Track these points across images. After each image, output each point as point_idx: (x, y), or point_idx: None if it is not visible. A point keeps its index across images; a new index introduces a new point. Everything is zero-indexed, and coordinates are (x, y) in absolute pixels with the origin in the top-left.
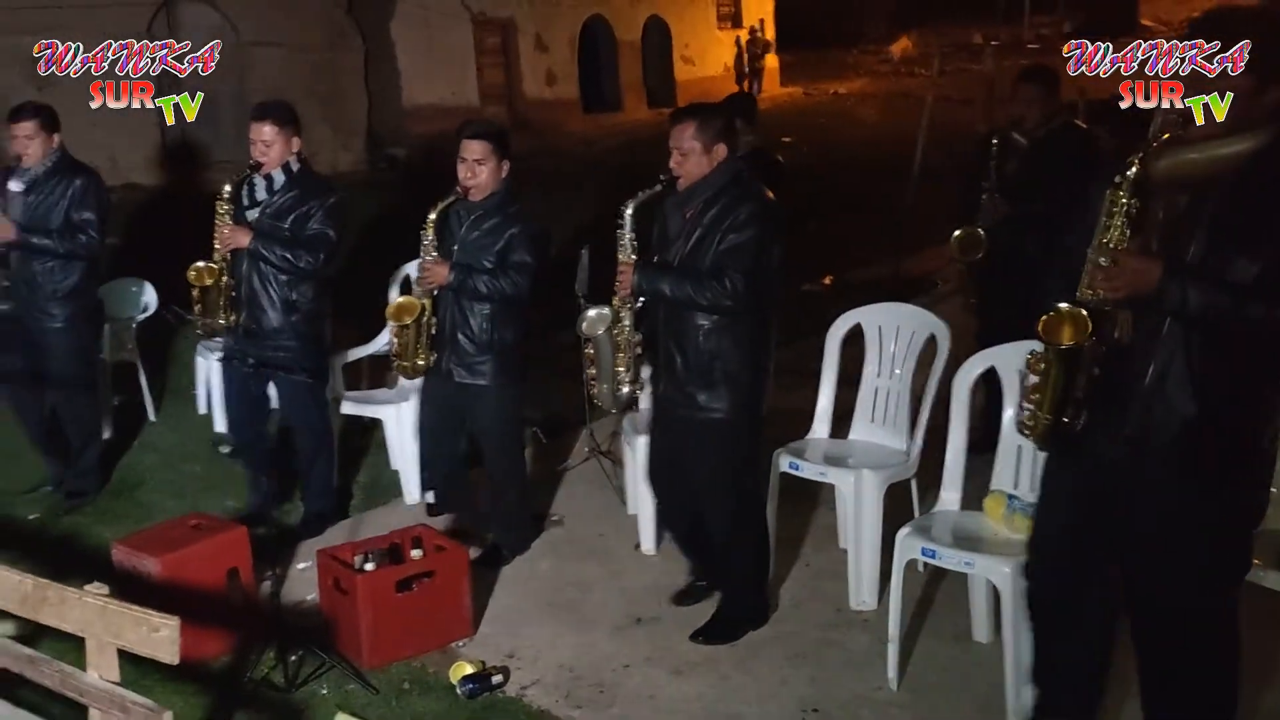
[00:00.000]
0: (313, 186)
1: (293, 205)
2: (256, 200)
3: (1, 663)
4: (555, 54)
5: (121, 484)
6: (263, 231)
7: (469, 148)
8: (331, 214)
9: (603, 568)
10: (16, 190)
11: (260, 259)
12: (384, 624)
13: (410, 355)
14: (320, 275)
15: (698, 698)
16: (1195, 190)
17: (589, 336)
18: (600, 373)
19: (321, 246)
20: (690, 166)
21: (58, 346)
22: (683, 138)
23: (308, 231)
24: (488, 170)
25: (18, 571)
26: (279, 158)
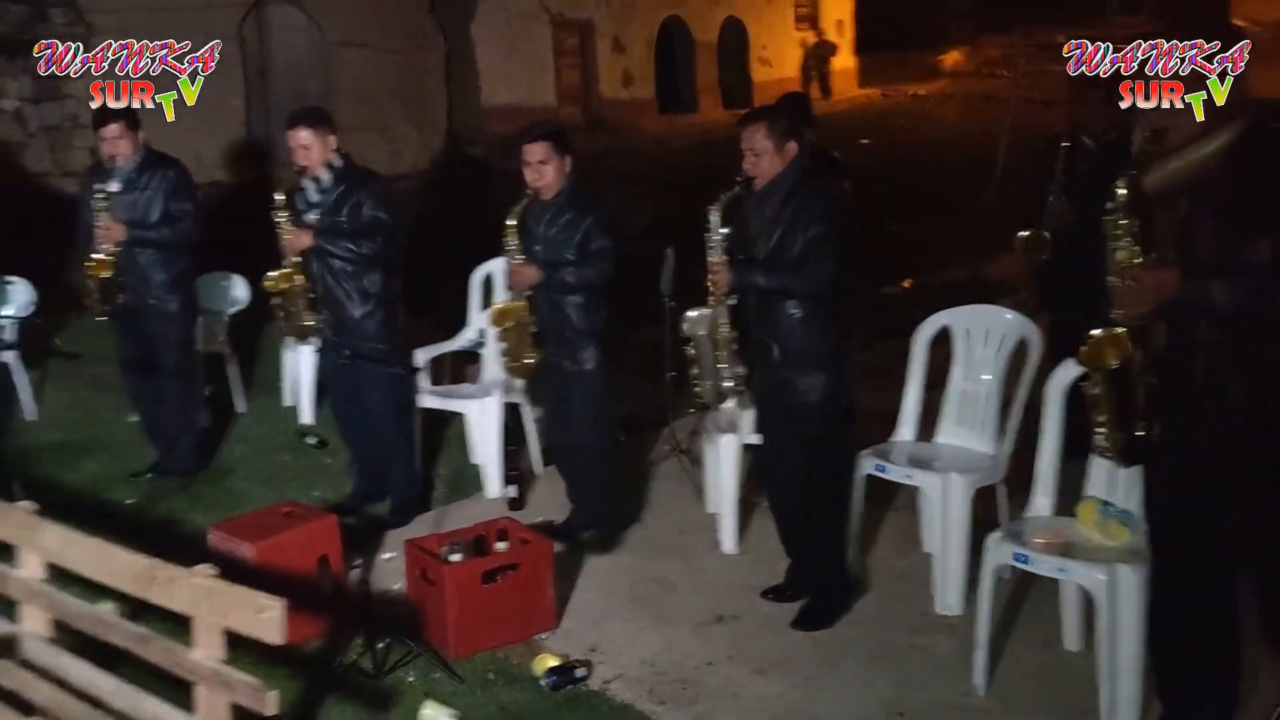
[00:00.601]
0: (357, 178)
1: (343, 198)
2: (311, 203)
3: (112, 639)
4: (632, 55)
5: (213, 472)
6: (323, 229)
7: (530, 151)
8: (379, 198)
9: (683, 565)
10: (114, 190)
11: (327, 255)
12: (469, 615)
13: (518, 355)
14: (384, 259)
15: (780, 697)
16: (1190, 193)
17: (691, 336)
18: (703, 371)
19: (378, 229)
20: (764, 166)
21: (164, 333)
22: (754, 139)
23: (362, 219)
24: (552, 169)
25: (129, 551)
26: (320, 158)
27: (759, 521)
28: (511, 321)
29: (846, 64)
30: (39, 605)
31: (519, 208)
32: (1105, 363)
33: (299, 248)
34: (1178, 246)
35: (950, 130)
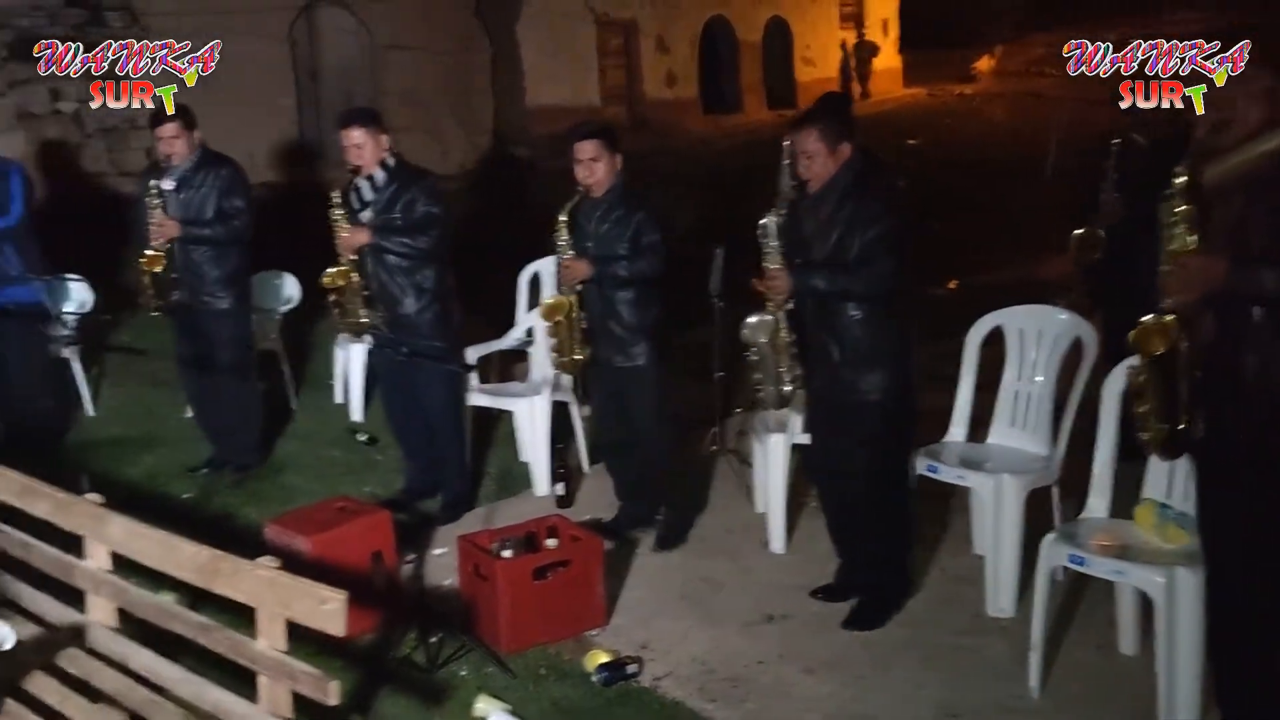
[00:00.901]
0: (410, 175)
1: (396, 196)
2: (366, 201)
3: (177, 628)
4: (676, 55)
5: (266, 468)
6: (379, 226)
7: (581, 149)
8: (432, 193)
9: (731, 564)
10: (169, 189)
11: (383, 251)
12: (521, 610)
13: (567, 351)
14: (438, 255)
15: (831, 696)
16: (1247, 189)
17: (752, 343)
18: (765, 375)
19: (433, 224)
20: (817, 169)
21: (219, 329)
22: (807, 142)
23: (416, 214)
24: (603, 166)
25: (193, 543)
26: (373, 157)
27: (807, 521)
28: (560, 316)
29: (891, 63)
30: (105, 595)
31: (570, 204)
32: (1152, 349)
33: (355, 245)
34: (1231, 241)
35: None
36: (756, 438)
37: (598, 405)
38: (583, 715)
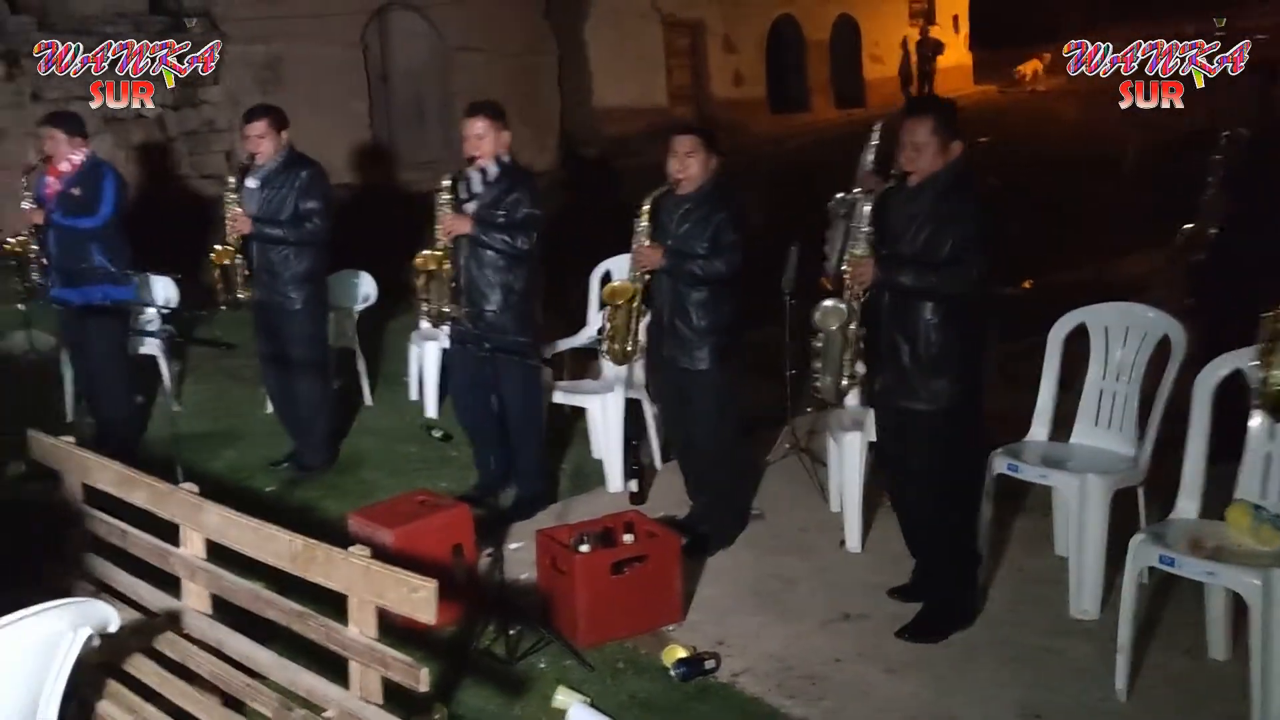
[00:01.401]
0: (519, 175)
1: (504, 193)
2: (473, 192)
3: (271, 615)
4: (743, 54)
5: (345, 463)
6: (481, 219)
7: (680, 141)
8: (537, 196)
9: (807, 562)
10: (252, 186)
11: (480, 245)
12: (599, 604)
13: (620, 339)
14: (532, 257)
15: (912, 696)
16: None
17: (822, 329)
18: (826, 364)
19: (534, 226)
20: (923, 162)
21: (294, 328)
22: (918, 132)
23: (519, 215)
24: (697, 163)
25: (288, 532)
26: (491, 150)
27: (883, 520)
28: (622, 301)
29: (962, 60)
30: (200, 582)
31: (656, 193)
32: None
33: (455, 232)
34: None
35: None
36: (831, 436)
37: (664, 403)
38: (661, 709)
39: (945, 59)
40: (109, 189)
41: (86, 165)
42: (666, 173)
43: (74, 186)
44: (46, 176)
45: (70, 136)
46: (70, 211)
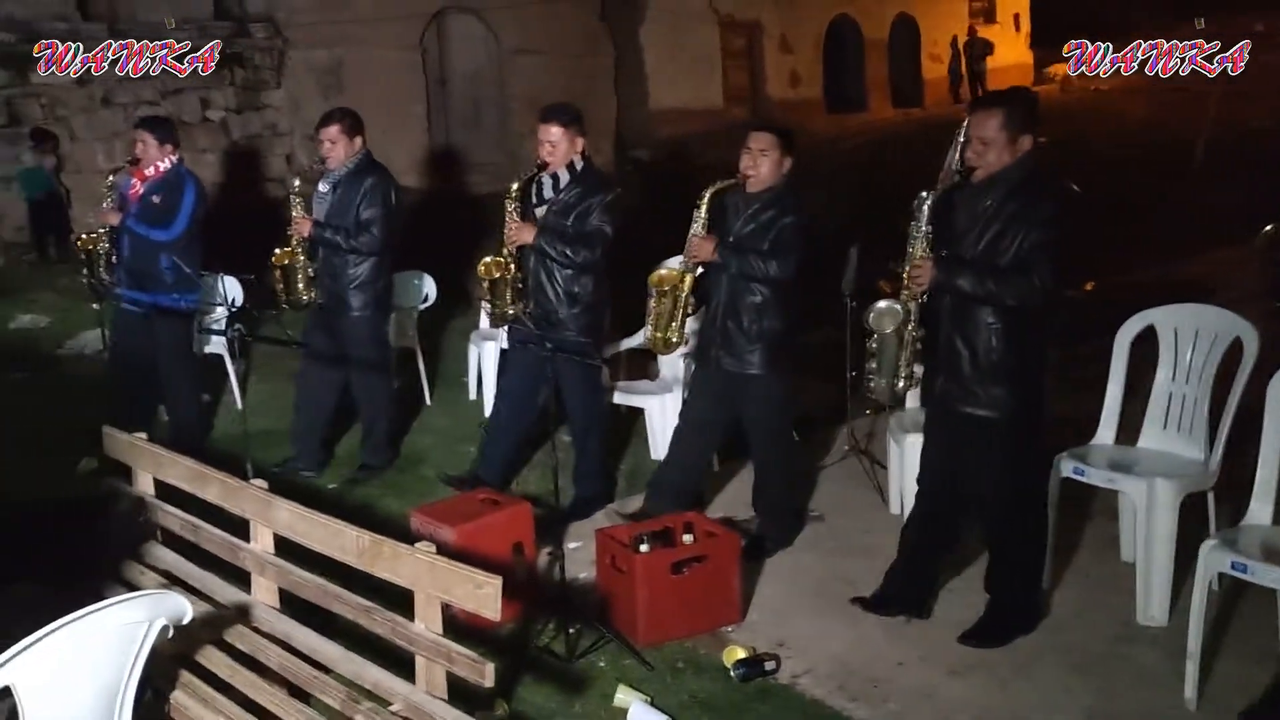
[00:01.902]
0: (593, 184)
1: (575, 202)
2: (544, 198)
3: (339, 609)
4: (800, 55)
5: (405, 461)
6: (547, 228)
7: (755, 138)
8: (608, 210)
9: (868, 565)
10: (323, 190)
11: (544, 255)
12: (659, 604)
13: (662, 327)
14: (598, 268)
15: (977, 700)
16: None
17: (877, 330)
18: (881, 367)
19: (598, 241)
20: (991, 158)
21: (355, 330)
22: (987, 127)
23: (586, 227)
24: (769, 162)
25: (356, 528)
26: (564, 157)
27: None
28: (667, 287)
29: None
30: (269, 576)
31: (720, 185)
32: None
33: (518, 242)
34: None
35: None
36: (892, 438)
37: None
38: (722, 709)
39: (1005, 57)
40: (187, 204)
41: (171, 174)
42: (736, 167)
43: (155, 193)
44: (132, 178)
45: (161, 143)
46: (147, 219)
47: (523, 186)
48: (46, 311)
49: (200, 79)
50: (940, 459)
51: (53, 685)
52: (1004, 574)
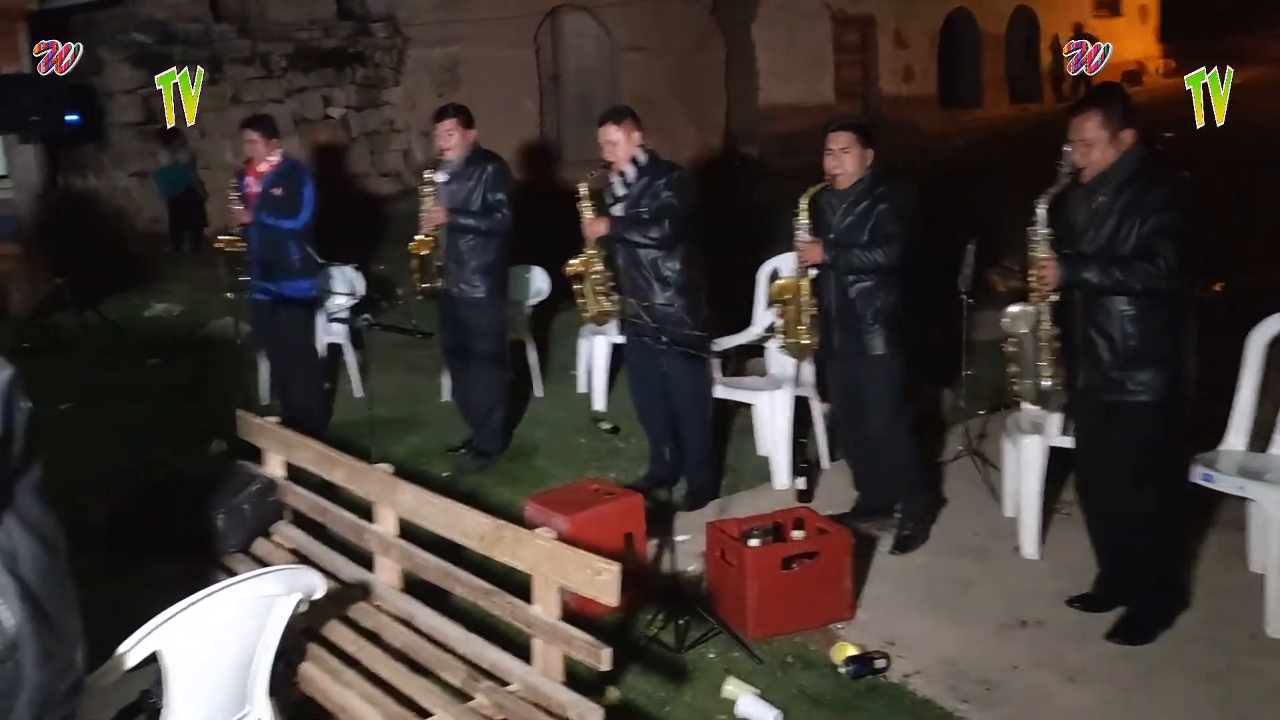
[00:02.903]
0: (659, 169)
1: (644, 190)
2: (617, 196)
3: (460, 591)
4: (914, 50)
5: (516, 451)
6: (621, 219)
7: (834, 138)
8: (674, 186)
9: (981, 567)
10: (441, 181)
11: (627, 244)
12: (769, 598)
13: (794, 333)
14: (676, 246)
15: (1096, 708)
16: None
17: (1012, 334)
18: (1023, 369)
19: (668, 215)
20: (1096, 156)
21: (476, 317)
22: (1086, 129)
23: (654, 205)
24: (852, 159)
25: (478, 512)
26: (626, 153)
27: (1060, 527)
28: (790, 295)
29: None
30: (393, 557)
31: (813, 190)
32: None
33: (596, 234)
34: None
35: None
36: (1009, 439)
37: (835, 397)
38: (831, 705)
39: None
40: (308, 191)
41: (284, 166)
42: (824, 169)
43: (274, 187)
44: (246, 177)
45: (267, 139)
46: (273, 211)
47: (592, 187)
48: (180, 301)
49: (323, 78)
50: (1091, 453)
51: (196, 652)
52: (1145, 566)
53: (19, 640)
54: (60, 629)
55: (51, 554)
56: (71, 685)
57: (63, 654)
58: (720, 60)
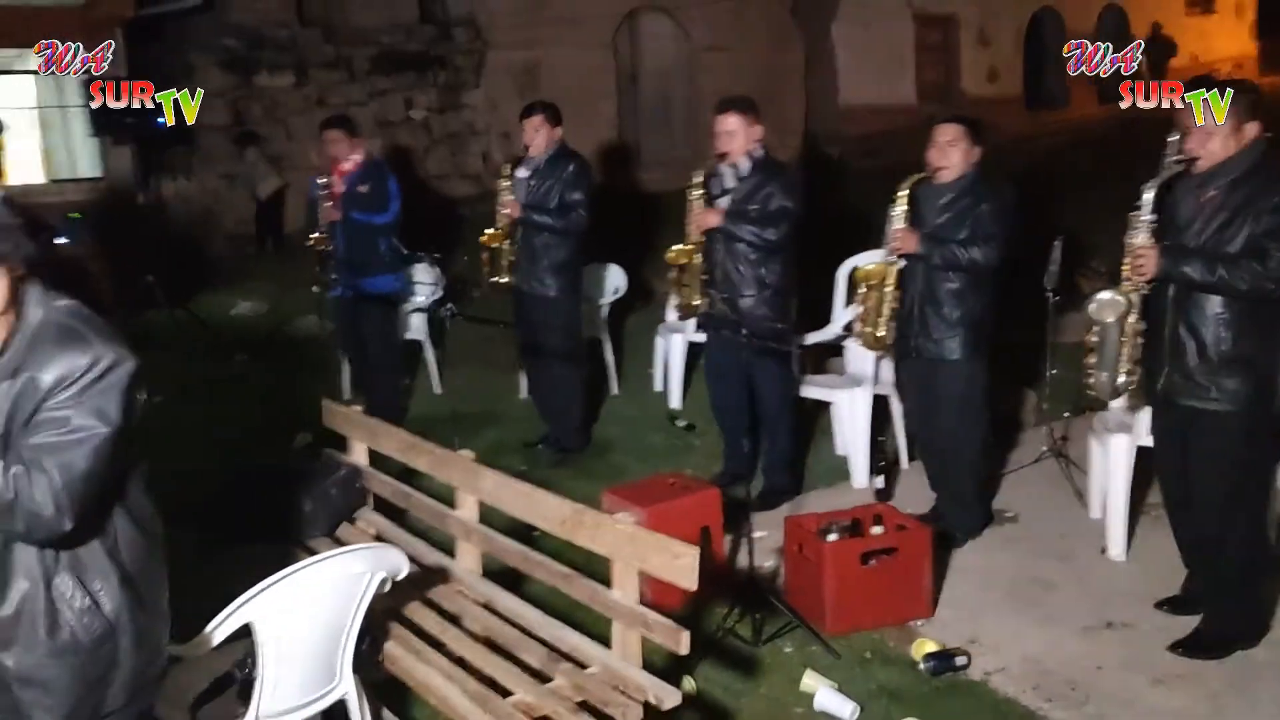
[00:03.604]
0: (772, 168)
1: (757, 188)
2: (725, 188)
3: (539, 575)
4: (999, 49)
5: (592, 447)
6: (733, 211)
7: (942, 130)
8: (789, 188)
9: (1065, 567)
10: (522, 176)
11: (732, 239)
12: (847, 593)
13: (872, 322)
14: (785, 250)
15: (1184, 711)
16: None
17: (1097, 321)
18: (1102, 360)
19: (784, 219)
20: (1214, 146)
21: (549, 314)
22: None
23: (771, 208)
24: (958, 153)
25: (558, 497)
26: (742, 146)
27: (1148, 529)
28: (874, 282)
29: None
30: (474, 542)
31: (913, 179)
32: None
33: (705, 226)
34: None
35: None
36: (1096, 439)
37: (906, 393)
38: (910, 701)
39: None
40: (393, 187)
41: (368, 164)
42: (926, 161)
43: (360, 184)
44: (330, 176)
45: (350, 138)
46: (361, 208)
47: (705, 178)
48: (265, 299)
49: (405, 81)
50: (1172, 458)
51: (286, 625)
52: (1223, 578)
53: (117, 624)
54: (153, 614)
55: (150, 542)
56: (161, 670)
57: (155, 638)
58: (799, 61)
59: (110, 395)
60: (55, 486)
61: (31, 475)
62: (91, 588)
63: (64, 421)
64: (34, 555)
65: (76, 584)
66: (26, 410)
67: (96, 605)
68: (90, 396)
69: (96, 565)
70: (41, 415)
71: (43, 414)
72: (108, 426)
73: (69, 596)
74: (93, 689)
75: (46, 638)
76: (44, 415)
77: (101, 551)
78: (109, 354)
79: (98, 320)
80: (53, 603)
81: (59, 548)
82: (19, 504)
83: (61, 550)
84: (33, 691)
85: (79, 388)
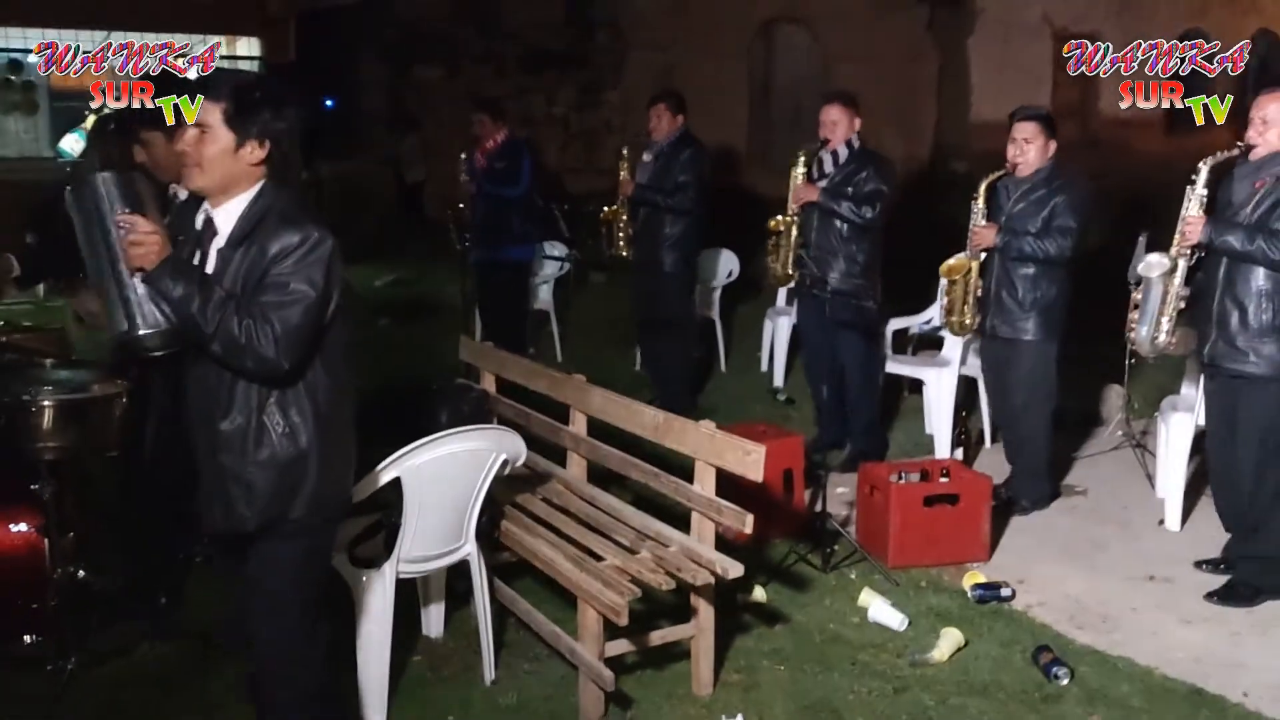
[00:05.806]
0: (870, 157)
1: (855, 172)
2: (825, 173)
3: (635, 475)
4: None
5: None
6: (830, 191)
7: (1020, 128)
8: (884, 173)
9: (1121, 532)
10: (646, 159)
11: (829, 215)
12: (909, 531)
13: (958, 312)
14: (876, 231)
15: (1202, 644)
16: None
17: (1144, 276)
18: (1143, 315)
19: (878, 199)
20: (1272, 136)
21: (664, 288)
22: (1269, 108)
23: (866, 189)
24: (1035, 149)
25: (651, 408)
26: (843, 135)
27: (1206, 508)
28: (959, 276)
29: None
30: (582, 452)
31: (992, 177)
32: None
33: (804, 199)
34: None
35: None
36: (1161, 418)
37: (985, 373)
38: (954, 619)
39: None
40: (527, 164)
41: (507, 144)
42: (1006, 157)
43: (498, 161)
44: (476, 154)
45: (494, 120)
46: (496, 181)
47: (808, 159)
48: (408, 270)
49: (548, 78)
50: (1217, 422)
51: (427, 484)
52: (1259, 534)
53: (308, 450)
54: (337, 448)
55: (342, 394)
56: (341, 499)
57: (338, 468)
58: (933, 74)
59: (317, 266)
60: (277, 334)
61: (258, 326)
62: (291, 419)
63: (284, 286)
64: (254, 389)
65: (281, 414)
66: (255, 275)
67: (293, 433)
68: (304, 267)
69: (298, 403)
70: (268, 280)
71: (269, 279)
72: (315, 291)
73: (274, 423)
74: (283, 497)
75: (254, 450)
76: (270, 280)
77: (303, 392)
78: (316, 232)
79: (309, 205)
80: (262, 425)
81: (272, 385)
82: (249, 347)
83: (273, 387)
84: (239, 488)
85: (295, 259)
